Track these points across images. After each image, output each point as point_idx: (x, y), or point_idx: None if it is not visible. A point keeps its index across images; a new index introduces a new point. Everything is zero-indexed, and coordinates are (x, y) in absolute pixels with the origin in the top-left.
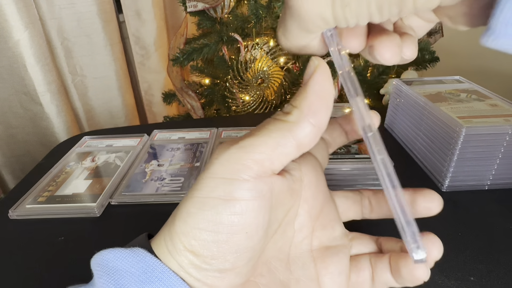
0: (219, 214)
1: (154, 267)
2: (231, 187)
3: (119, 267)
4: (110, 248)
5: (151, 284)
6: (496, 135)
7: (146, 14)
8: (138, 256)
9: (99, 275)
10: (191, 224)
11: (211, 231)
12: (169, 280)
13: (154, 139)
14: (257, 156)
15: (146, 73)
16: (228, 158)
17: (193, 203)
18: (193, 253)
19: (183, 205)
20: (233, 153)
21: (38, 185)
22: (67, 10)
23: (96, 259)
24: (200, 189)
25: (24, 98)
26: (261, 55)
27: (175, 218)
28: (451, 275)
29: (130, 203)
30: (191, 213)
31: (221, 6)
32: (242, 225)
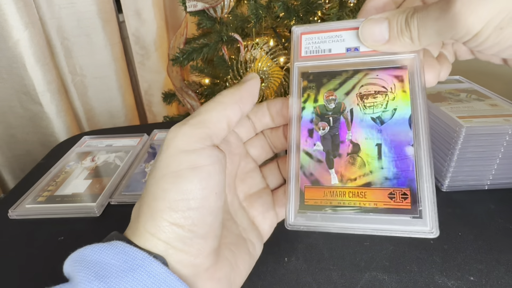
0: (191, 183)
1: (134, 256)
2: (194, 157)
3: (99, 260)
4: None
5: (133, 272)
6: (496, 135)
7: (146, 14)
8: (117, 248)
9: (77, 269)
10: (169, 199)
11: (187, 199)
12: (150, 266)
13: (154, 139)
14: (206, 130)
15: (146, 73)
16: (185, 134)
17: (166, 180)
18: (177, 225)
19: (155, 185)
20: (189, 130)
21: (38, 185)
22: (67, 9)
23: (72, 257)
24: (168, 165)
25: (23, 98)
26: (261, 55)
27: (151, 199)
28: (451, 275)
29: (130, 202)
30: (167, 189)
31: (221, 6)
32: (211, 187)
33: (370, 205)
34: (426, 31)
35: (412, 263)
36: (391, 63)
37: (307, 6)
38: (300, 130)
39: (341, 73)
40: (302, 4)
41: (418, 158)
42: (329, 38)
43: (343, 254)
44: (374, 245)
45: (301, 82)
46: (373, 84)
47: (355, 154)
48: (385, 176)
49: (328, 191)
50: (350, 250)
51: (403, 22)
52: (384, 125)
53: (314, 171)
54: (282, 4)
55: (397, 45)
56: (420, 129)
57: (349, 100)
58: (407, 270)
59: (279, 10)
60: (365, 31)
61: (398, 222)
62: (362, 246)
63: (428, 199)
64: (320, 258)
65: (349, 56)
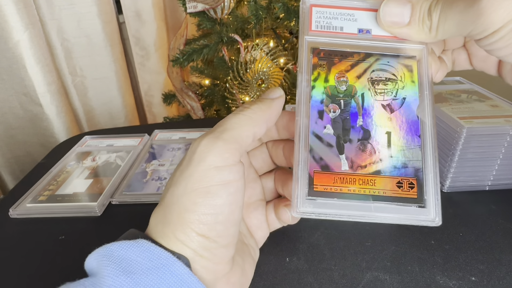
0: (221, 198)
1: (159, 255)
2: (226, 174)
3: (125, 256)
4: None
5: (157, 270)
6: (497, 136)
7: (146, 15)
8: (143, 246)
9: (105, 264)
10: (200, 212)
11: (216, 214)
12: (174, 266)
13: (155, 139)
14: (237, 147)
15: (146, 74)
16: (218, 150)
17: (197, 194)
18: (203, 236)
19: (187, 197)
20: (222, 146)
21: (39, 184)
22: (67, 11)
23: (98, 252)
24: (200, 180)
25: (24, 99)
26: (261, 56)
27: (182, 210)
28: (452, 275)
29: (131, 202)
30: (198, 203)
31: (221, 7)
32: (237, 202)
33: (379, 193)
34: (446, 23)
35: (413, 263)
36: (401, 51)
37: None
38: (310, 110)
39: (353, 54)
40: None
41: (424, 148)
42: (341, 15)
43: (345, 254)
44: (376, 245)
45: (311, 58)
46: (384, 70)
47: (366, 141)
48: (394, 165)
49: (338, 177)
50: (352, 250)
51: (426, 8)
52: (394, 113)
53: (324, 156)
54: (282, 5)
55: (414, 32)
56: (427, 120)
57: (360, 84)
58: (409, 270)
59: (279, 11)
60: (387, 9)
61: (404, 211)
62: (364, 246)
63: (433, 189)
64: (321, 258)
65: (361, 38)
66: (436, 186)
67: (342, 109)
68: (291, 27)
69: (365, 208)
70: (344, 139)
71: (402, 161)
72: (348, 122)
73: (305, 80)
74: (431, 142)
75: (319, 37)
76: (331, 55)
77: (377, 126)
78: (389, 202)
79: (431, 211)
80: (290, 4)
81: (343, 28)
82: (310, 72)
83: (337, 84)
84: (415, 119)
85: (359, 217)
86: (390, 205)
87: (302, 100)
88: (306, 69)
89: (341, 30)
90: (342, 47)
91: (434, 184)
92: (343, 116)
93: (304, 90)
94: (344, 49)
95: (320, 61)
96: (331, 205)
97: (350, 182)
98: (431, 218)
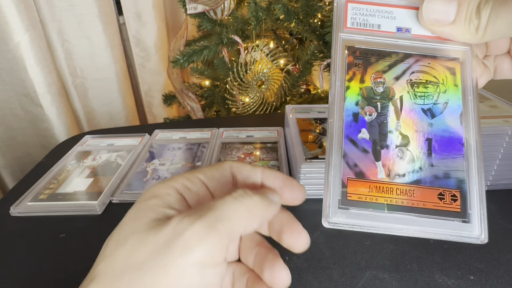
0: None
1: None
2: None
3: None
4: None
5: None
6: (496, 136)
7: (146, 16)
8: None
9: None
10: None
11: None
12: None
13: (155, 138)
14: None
15: (146, 75)
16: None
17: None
18: None
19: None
20: (213, 239)
21: (40, 183)
22: (68, 12)
23: None
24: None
25: (24, 100)
26: (261, 57)
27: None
28: (451, 274)
29: (131, 201)
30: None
31: (221, 8)
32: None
33: (419, 205)
34: (497, 22)
35: (412, 262)
36: (443, 52)
37: (307, 8)
38: (344, 112)
39: (391, 54)
40: (302, 7)
41: (468, 158)
42: (378, 12)
43: (344, 253)
44: (375, 244)
45: (346, 56)
46: (425, 72)
47: (404, 147)
48: (434, 175)
49: (374, 186)
50: (351, 249)
51: (474, 6)
52: (435, 119)
53: (358, 162)
54: (282, 6)
55: (459, 31)
56: (471, 128)
57: (399, 86)
58: (408, 269)
59: (279, 12)
60: (431, 6)
61: (447, 226)
62: (363, 245)
63: (478, 202)
64: (321, 257)
65: (400, 37)
66: (482, 199)
67: (379, 112)
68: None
69: (403, 221)
70: (381, 144)
71: (444, 171)
72: (385, 126)
73: (339, 80)
74: (476, 151)
75: (354, 35)
76: (368, 54)
77: (417, 132)
78: (430, 215)
79: (475, 227)
80: (290, 5)
81: (380, 26)
82: (345, 71)
83: (374, 85)
84: (458, 126)
85: (397, 230)
86: (431, 218)
87: (336, 101)
88: (341, 68)
89: (379, 28)
90: (380, 46)
91: (479, 197)
92: (380, 119)
93: (338, 90)
94: (381, 48)
95: (356, 60)
96: (366, 216)
97: (387, 192)
98: (476, 235)
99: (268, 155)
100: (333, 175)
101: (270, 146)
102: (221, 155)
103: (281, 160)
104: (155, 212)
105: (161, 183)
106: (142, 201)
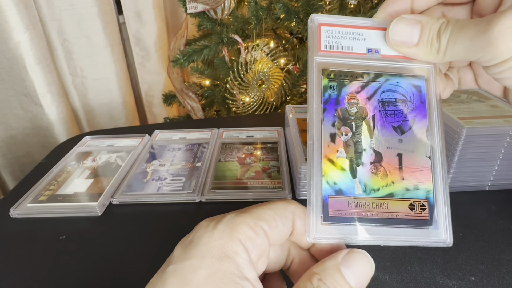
0: None
1: None
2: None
3: None
4: None
5: None
6: (497, 136)
7: (146, 16)
8: None
9: None
10: None
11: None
12: None
13: (155, 139)
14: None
15: (147, 74)
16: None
17: None
18: None
19: None
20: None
21: (39, 184)
22: (68, 11)
23: None
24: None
25: (24, 100)
26: (261, 56)
27: None
28: (452, 275)
29: (131, 202)
30: None
31: (222, 8)
32: None
33: (393, 216)
34: (455, 47)
35: (413, 263)
36: (410, 72)
37: (308, 7)
38: (322, 133)
39: (363, 75)
40: (303, 6)
41: (434, 169)
42: (349, 34)
43: None
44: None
45: (321, 79)
46: (394, 91)
47: (378, 164)
48: (406, 187)
49: (352, 201)
50: None
51: (435, 30)
52: (404, 135)
53: (337, 180)
54: (282, 5)
55: (422, 52)
56: (436, 141)
57: (371, 105)
58: (409, 270)
59: (280, 12)
60: (396, 29)
61: (417, 233)
62: (363, 246)
63: (443, 210)
64: None
65: (370, 58)
66: (446, 207)
67: (354, 132)
68: (291, 28)
69: (379, 232)
70: (357, 162)
71: (414, 183)
72: (360, 145)
73: (316, 103)
74: (441, 163)
75: (328, 58)
76: (341, 76)
77: (389, 148)
78: (402, 225)
79: (441, 232)
80: (291, 4)
81: (352, 48)
82: (321, 94)
83: (348, 106)
84: (425, 140)
85: (374, 241)
86: (403, 228)
87: (314, 123)
88: (317, 91)
89: (351, 50)
90: (352, 67)
91: (444, 205)
92: (355, 139)
93: (316, 112)
94: (354, 69)
95: (331, 82)
96: (346, 230)
97: (364, 206)
98: (442, 239)
99: (269, 156)
100: (315, 194)
101: (270, 146)
102: (221, 155)
103: (281, 160)
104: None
105: (225, 231)
106: (213, 259)
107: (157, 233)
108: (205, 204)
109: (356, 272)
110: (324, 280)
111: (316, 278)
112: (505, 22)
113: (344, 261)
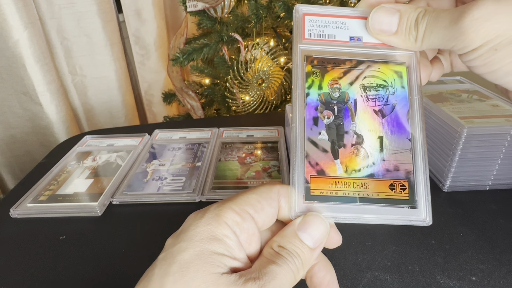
0: None
1: None
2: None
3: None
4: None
5: None
6: (498, 135)
7: (146, 14)
8: None
9: None
10: None
11: None
12: None
13: (155, 139)
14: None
15: (146, 73)
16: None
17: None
18: None
19: None
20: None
21: (39, 184)
22: (67, 9)
23: None
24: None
25: (23, 98)
26: (261, 55)
27: None
28: (452, 275)
29: (131, 202)
30: None
31: (221, 6)
32: None
33: (373, 196)
34: (431, 35)
35: (414, 263)
36: (391, 58)
37: None
38: (305, 116)
39: (345, 61)
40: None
41: (414, 151)
42: (332, 23)
43: (345, 254)
44: (376, 245)
45: (305, 66)
46: (375, 77)
47: (359, 145)
48: (386, 168)
49: (333, 181)
50: (352, 250)
51: (413, 19)
52: (385, 119)
53: (319, 161)
54: (282, 4)
55: (400, 41)
56: (417, 124)
57: (353, 90)
58: (409, 270)
59: (280, 10)
60: (376, 17)
61: (397, 212)
62: (364, 246)
63: (423, 190)
64: None
65: (352, 45)
66: (426, 187)
67: (336, 115)
68: (291, 26)
69: (360, 210)
70: (339, 144)
71: (394, 164)
72: (342, 127)
73: (300, 88)
74: (421, 145)
75: (312, 45)
76: (324, 63)
77: (370, 131)
78: (383, 204)
79: (422, 212)
80: (291, 3)
81: (335, 36)
82: (304, 79)
83: (331, 91)
84: (405, 123)
85: (355, 219)
86: (383, 207)
87: (297, 107)
88: (300, 77)
89: (333, 38)
90: (335, 54)
91: (424, 185)
92: (337, 122)
93: (299, 97)
94: (336, 56)
95: (314, 68)
96: (328, 208)
97: (345, 185)
98: (422, 218)
99: (269, 155)
100: (298, 173)
101: (271, 145)
102: (221, 155)
103: (281, 160)
104: (220, 265)
105: (212, 218)
106: (202, 241)
107: (157, 233)
108: (206, 204)
109: (312, 233)
110: (285, 246)
111: (276, 245)
112: (476, 13)
113: (301, 226)
